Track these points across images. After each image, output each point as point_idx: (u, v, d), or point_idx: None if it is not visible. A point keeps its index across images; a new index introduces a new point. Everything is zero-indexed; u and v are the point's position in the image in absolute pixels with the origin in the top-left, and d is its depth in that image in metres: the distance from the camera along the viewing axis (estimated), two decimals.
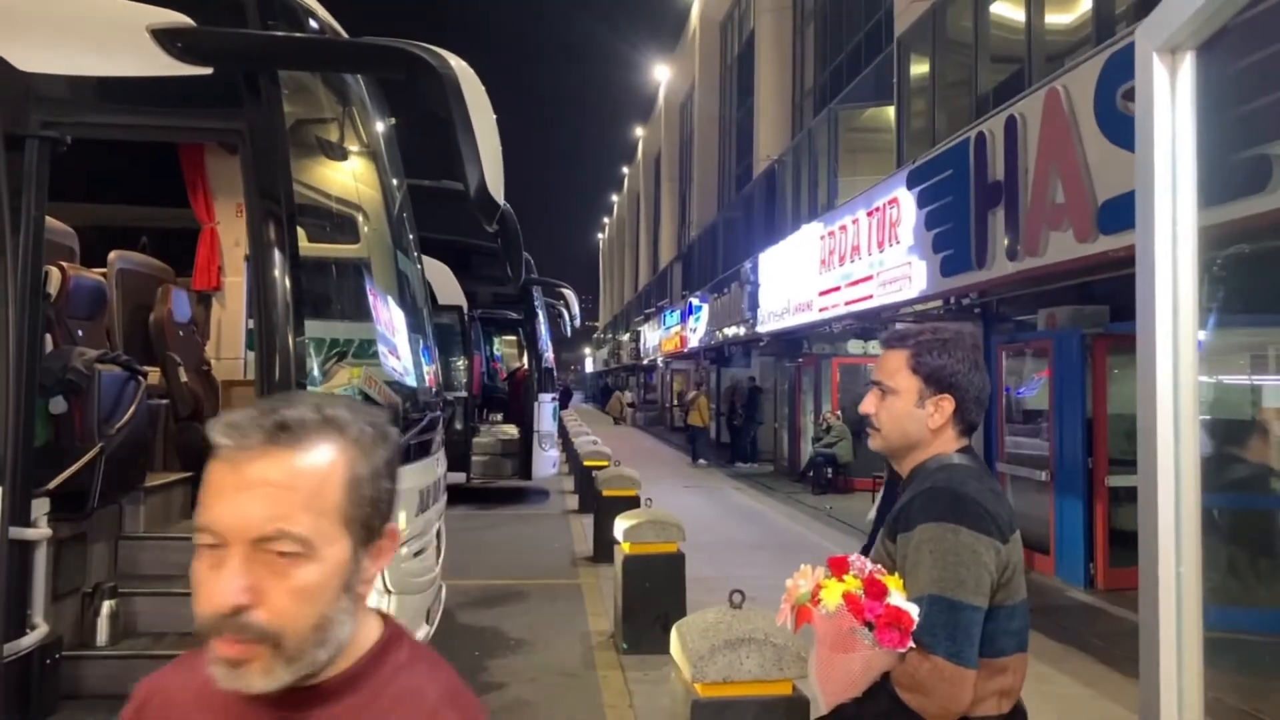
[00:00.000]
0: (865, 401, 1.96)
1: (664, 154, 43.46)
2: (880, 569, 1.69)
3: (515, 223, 5.53)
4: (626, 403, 40.75)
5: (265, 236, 3.67)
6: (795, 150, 20.25)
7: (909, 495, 1.83)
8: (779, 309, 16.81)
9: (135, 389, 4.26)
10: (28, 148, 3.47)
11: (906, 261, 10.60)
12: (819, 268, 14.25)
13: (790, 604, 1.68)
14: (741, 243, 23.66)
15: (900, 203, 10.80)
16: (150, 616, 4.23)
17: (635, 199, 56.69)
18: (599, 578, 8.38)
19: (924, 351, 1.89)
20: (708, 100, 32.87)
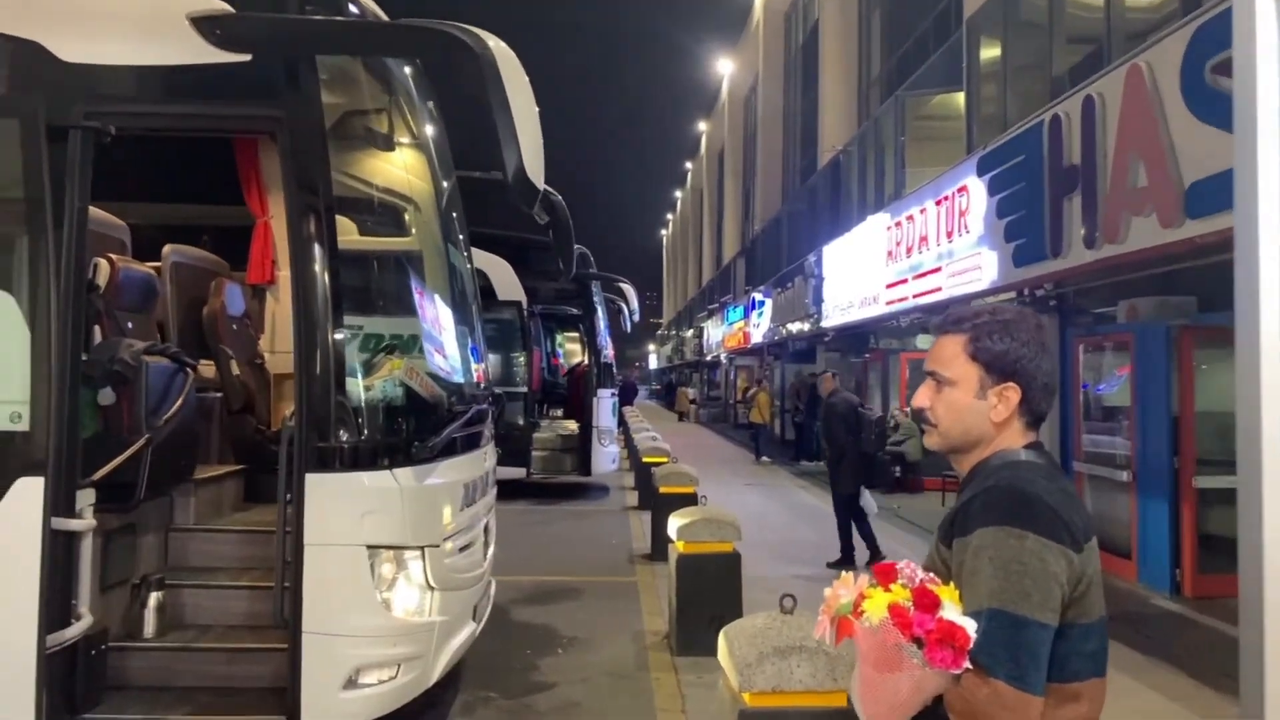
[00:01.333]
0: (919, 394, 1.76)
1: (727, 147, 43.13)
2: (933, 578, 1.49)
3: (565, 213, 5.42)
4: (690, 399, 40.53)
5: (303, 227, 3.64)
6: (861, 140, 19.81)
7: (968, 495, 1.63)
8: (844, 303, 16.47)
9: (183, 381, 4.27)
10: (71, 138, 3.49)
11: (976, 252, 10.22)
12: (885, 260, 13.89)
13: (830, 615, 1.50)
14: (806, 236, 23.27)
15: (970, 190, 10.41)
16: (197, 609, 4.25)
17: (699, 194, 56.41)
18: (656, 576, 8.24)
19: (983, 335, 1.68)
20: (772, 92, 32.47)
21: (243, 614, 4.20)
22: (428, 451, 3.88)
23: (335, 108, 4.00)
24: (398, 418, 3.92)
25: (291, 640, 3.60)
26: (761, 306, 26.15)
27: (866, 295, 14.93)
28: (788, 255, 25.84)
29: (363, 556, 3.65)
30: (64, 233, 3.51)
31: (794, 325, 21.43)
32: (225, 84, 3.59)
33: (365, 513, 3.67)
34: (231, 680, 3.95)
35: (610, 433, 13.34)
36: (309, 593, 3.60)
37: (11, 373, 3.46)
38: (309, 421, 3.63)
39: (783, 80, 31.69)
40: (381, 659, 3.71)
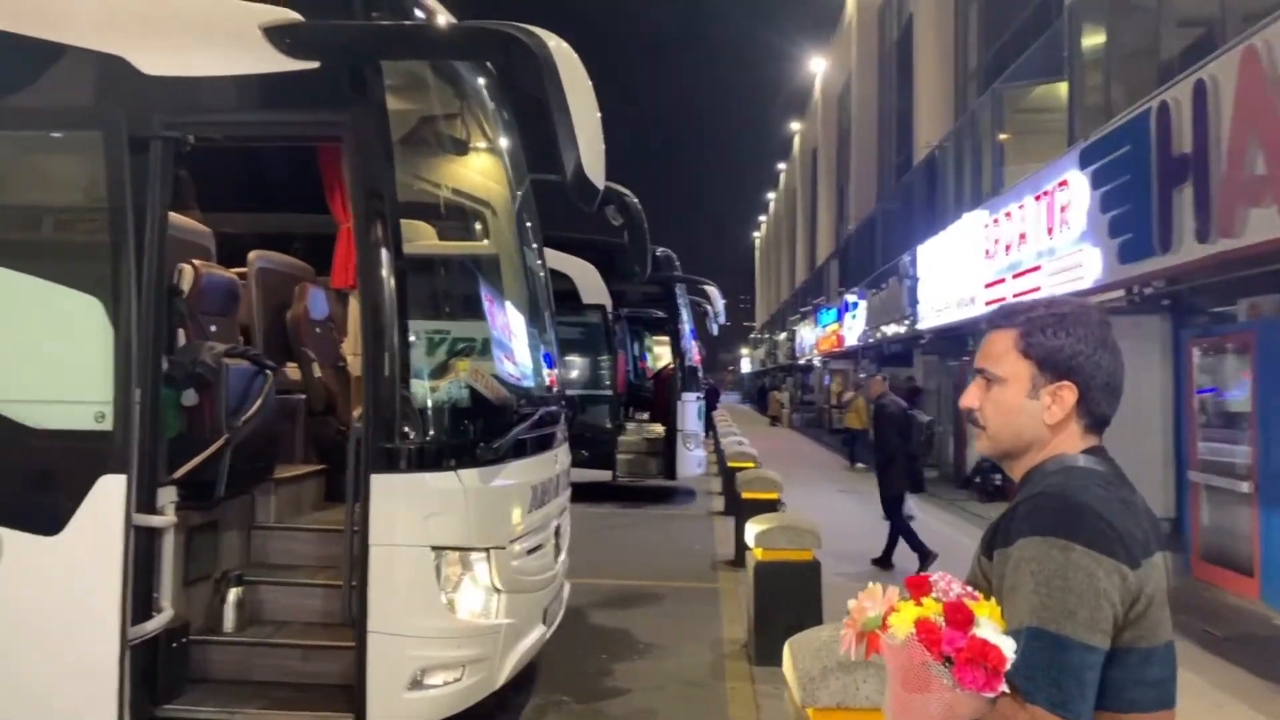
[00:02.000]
0: (967, 393, 1.63)
1: (821, 147, 42.53)
2: (971, 592, 1.37)
3: (640, 214, 5.37)
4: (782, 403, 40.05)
5: (370, 231, 3.69)
6: (957, 135, 19.18)
7: (1014, 502, 1.51)
8: (940, 304, 15.97)
9: (263, 383, 4.38)
10: (152, 148, 3.62)
11: (1079, 248, 9.73)
12: (983, 258, 13.40)
13: (855, 629, 1.39)
14: (900, 235, 22.68)
15: (1071, 184, 9.93)
16: (275, 605, 4.36)
17: (792, 195, 55.80)
18: (738, 583, 8.11)
19: (1036, 330, 1.54)
20: (866, 89, 31.85)
21: (317, 611, 4.29)
22: (493, 453, 3.88)
23: (404, 112, 4.05)
24: (463, 419, 3.94)
25: (358, 639, 3.65)
26: (855, 308, 25.67)
27: (963, 296, 14.43)
28: (882, 255, 25.27)
29: (428, 557, 3.67)
30: (146, 239, 3.64)
31: (889, 327, 20.91)
32: (294, 92, 3.67)
33: (430, 514, 3.69)
34: (305, 676, 4.03)
35: (696, 436, 13.24)
36: (375, 592, 3.64)
37: (96, 374, 3.61)
38: (375, 423, 3.67)
39: (877, 77, 31.06)
40: (446, 660, 3.73)
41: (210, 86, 3.74)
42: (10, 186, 4.02)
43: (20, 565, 3.61)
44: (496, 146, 4.78)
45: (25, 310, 3.77)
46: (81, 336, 3.70)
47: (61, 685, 3.59)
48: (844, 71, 36.12)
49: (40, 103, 3.81)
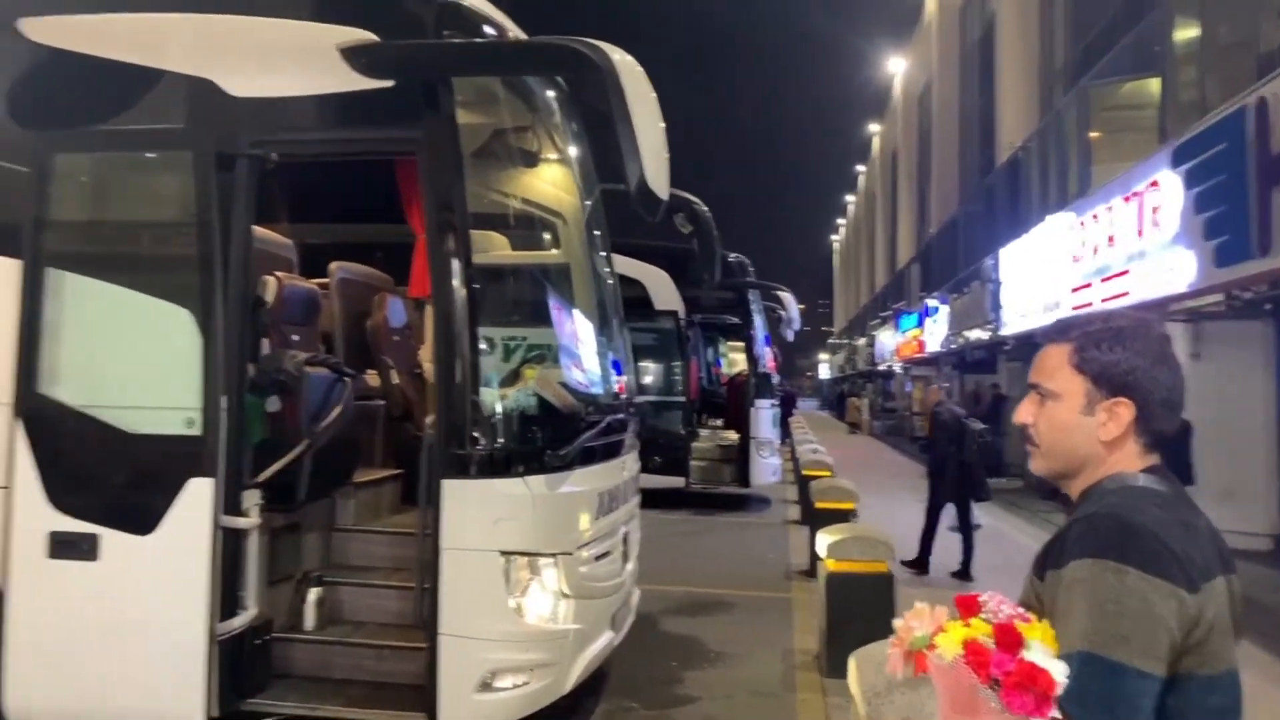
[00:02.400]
0: (1020, 408, 1.60)
1: (900, 149, 41.78)
2: (1023, 614, 1.34)
3: (709, 221, 5.39)
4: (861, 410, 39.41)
5: (442, 242, 3.79)
6: (1041, 135, 18.62)
7: (1067, 522, 1.47)
8: (1024, 309, 15.52)
9: (342, 390, 4.55)
10: (238, 166, 3.80)
11: (1171, 251, 9.35)
12: (1069, 262, 12.98)
13: (902, 648, 1.38)
14: (983, 238, 22.11)
15: (1163, 185, 9.55)
16: (354, 605, 4.50)
17: (871, 198, 54.94)
18: (811, 594, 8.01)
19: (1090, 344, 1.51)
20: (947, 89, 31.18)
21: (393, 612, 4.42)
22: (560, 460, 3.95)
23: (475, 126, 4.17)
24: (531, 427, 4.01)
25: (429, 641, 3.75)
26: (936, 313, 25.15)
27: (1049, 300, 14.00)
28: (964, 259, 24.68)
29: (496, 562, 3.75)
30: (232, 252, 3.83)
31: (971, 333, 20.40)
32: (371, 109, 3.81)
33: (498, 519, 3.77)
34: (380, 675, 4.16)
35: (770, 444, 13.13)
36: (446, 595, 3.74)
37: (186, 381, 3.81)
38: (446, 429, 3.77)
39: (958, 77, 30.36)
40: (514, 664, 3.80)
41: (292, 106, 3.91)
42: (108, 204, 4.27)
43: (117, 563, 3.82)
44: (566, 157, 4.86)
45: (121, 320, 4.00)
46: (173, 346, 3.91)
47: (154, 676, 3.79)
48: (924, 72, 35.44)
49: (136, 125, 4.05)
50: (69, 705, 3.90)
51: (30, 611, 3.88)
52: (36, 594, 3.88)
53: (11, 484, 3.91)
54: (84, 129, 4.15)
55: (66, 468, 3.93)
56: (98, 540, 3.82)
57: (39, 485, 3.88)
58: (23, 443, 3.90)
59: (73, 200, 4.20)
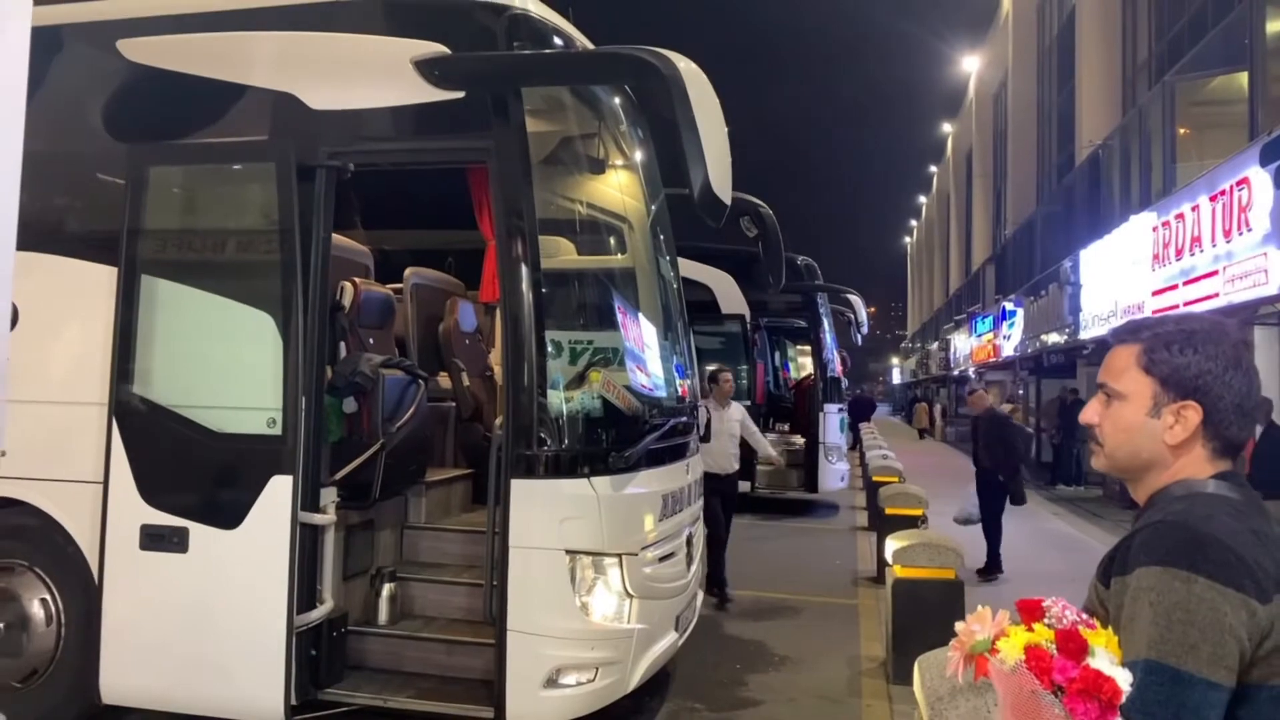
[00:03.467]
0: (1087, 408, 1.59)
1: (975, 149, 40.94)
2: (1087, 620, 1.32)
3: (774, 225, 5.41)
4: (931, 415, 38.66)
5: (511, 248, 3.90)
6: (1123, 132, 18.05)
7: (1134, 528, 1.46)
8: (1104, 312, 15.07)
9: (415, 391, 4.69)
10: (317, 176, 3.97)
11: (1262, 252, 9.00)
12: (1151, 264, 12.57)
13: (962, 651, 1.39)
14: (1061, 240, 21.53)
15: (1252, 183, 9.20)
16: (424, 600, 4.64)
17: (945, 199, 53.89)
18: (879, 600, 7.94)
19: (1160, 346, 1.49)
20: (1023, 87, 30.45)
21: (463, 608, 4.54)
22: (624, 462, 4.01)
23: (544, 134, 4.27)
24: (596, 429, 4.09)
25: (497, 637, 3.86)
26: (1012, 316, 24.54)
27: (1130, 303, 13.57)
28: (1041, 261, 24.05)
29: (562, 561, 3.83)
30: (311, 259, 4.00)
31: (1049, 337, 19.88)
32: (443, 119, 3.94)
33: (564, 518, 3.85)
34: (450, 669, 4.28)
35: (838, 449, 13.00)
36: (513, 592, 3.84)
37: (268, 383, 3.99)
38: (514, 430, 3.87)
39: (1035, 74, 29.64)
40: (580, 661, 3.88)
41: (368, 118, 4.07)
42: (196, 214, 4.50)
43: (205, 556, 4.02)
44: (631, 163, 4.94)
45: (207, 324, 4.21)
46: (255, 348, 4.10)
47: (238, 664, 3.98)
48: (1000, 69, 34.67)
49: (223, 139, 4.26)
50: (159, 690, 4.11)
51: (123, 601, 4.11)
52: (129, 584, 4.11)
53: (107, 479, 4.14)
54: (175, 143, 4.38)
55: (157, 464, 4.15)
56: (187, 534, 4.03)
57: (132, 481, 4.10)
58: (117, 440, 4.14)
59: (164, 210, 4.43)
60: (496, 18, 4.01)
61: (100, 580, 4.13)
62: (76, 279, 4.36)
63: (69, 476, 4.25)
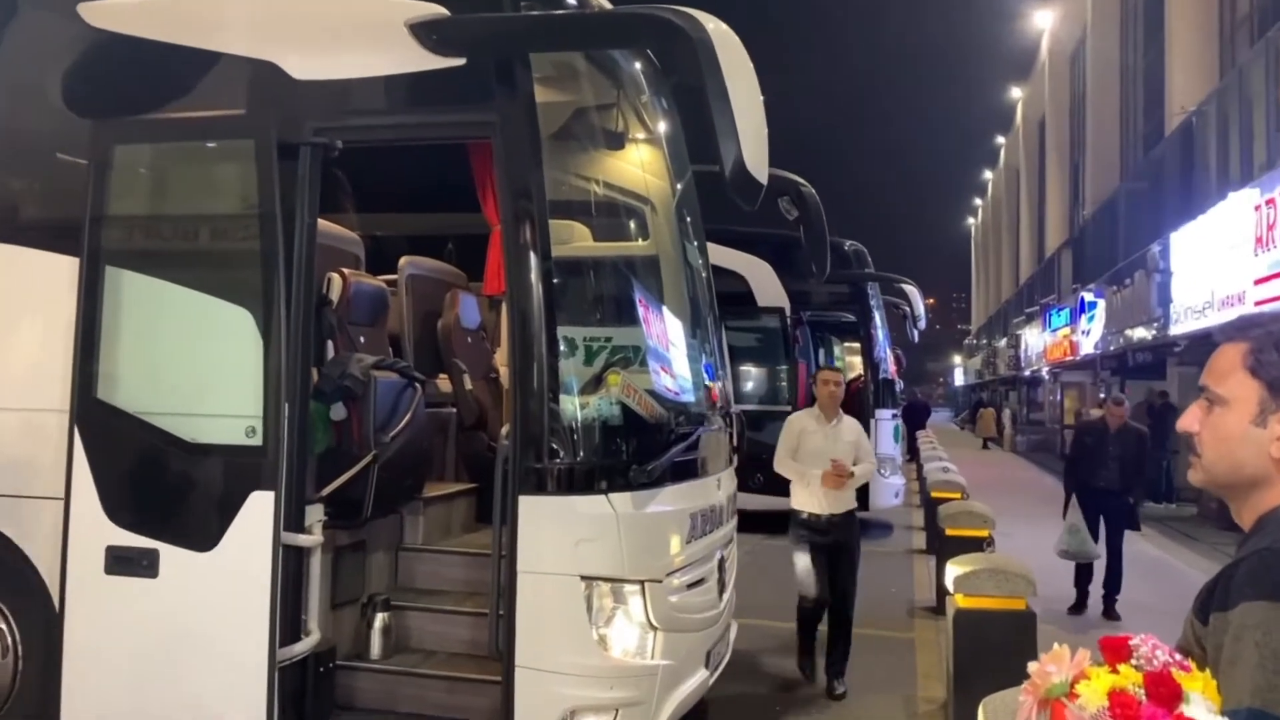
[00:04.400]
0: (1186, 415, 1.58)
1: (1049, 117, 40.61)
2: (1181, 661, 1.31)
3: (817, 206, 5.41)
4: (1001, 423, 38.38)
5: (519, 234, 3.92)
6: (1220, 97, 17.83)
7: (1237, 556, 1.44)
8: (1199, 304, 14.92)
9: (411, 396, 4.73)
10: (301, 155, 4.01)
11: None
12: (1254, 248, 12.43)
13: (1036, 696, 1.35)
14: (1148, 221, 21.30)
15: None
16: (422, 632, 4.67)
17: (1014, 174, 53.48)
18: (938, 633, 7.90)
19: (1270, 346, 1.48)
20: (1104, 46, 30.18)
21: (465, 641, 4.56)
22: (648, 476, 4.02)
23: (555, 106, 4.28)
24: (615, 438, 4.10)
25: (505, 674, 3.88)
26: (1092, 309, 24.37)
27: (1229, 293, 13.42)
28: (1125, 246, 23.82)
29: (577, 588, 3.85)
30: (295, 248, 4.04)
31: (1134, 332, 19.69)
32: (442, 90, 3.97)
33: (580, 540, 3.87)
34: (450, 710, 4.30)
35: (892, 461, 12.96)
36: (523, 624, 3.86)
37: (247, 387, 4.03)
38: (523, 440, 3.89)
39: (1118, 30, 29.36)
40: (597, 702, 3.89)
41: (358, 88, 4.11)
42: (167, 198, 4.55)
43: (177, 581, 4.07)
44: (655, 138, 4.95)
45: (180, 322, 4.26)
46: (233, 349, 4.15)
47: (213, 702, 4.02)
48: (1077, 26, 34.37)
49: (195, 112, 4.30)
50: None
51: (87, 630, 4.16)
52: (94, 612, 4.16)
53: (69, 495, 4.20)
54: (143, 118, 4.43)
55: (124, 479, 4.20)
56: (157, 556, 4.08)
57: (96, 497, 4.16)
58: (80, 452, 4.19)
59: (131, 194, 4.49)
60: None
61: (61, 607, 4.19)
62: (33, 271, 4.43)
63: (25, 492, 4.32)
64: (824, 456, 6.06)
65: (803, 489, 6.19)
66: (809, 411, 6.49)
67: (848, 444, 6.29)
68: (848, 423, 6.44)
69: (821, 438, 6.20)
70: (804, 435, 6.23)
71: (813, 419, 6.34)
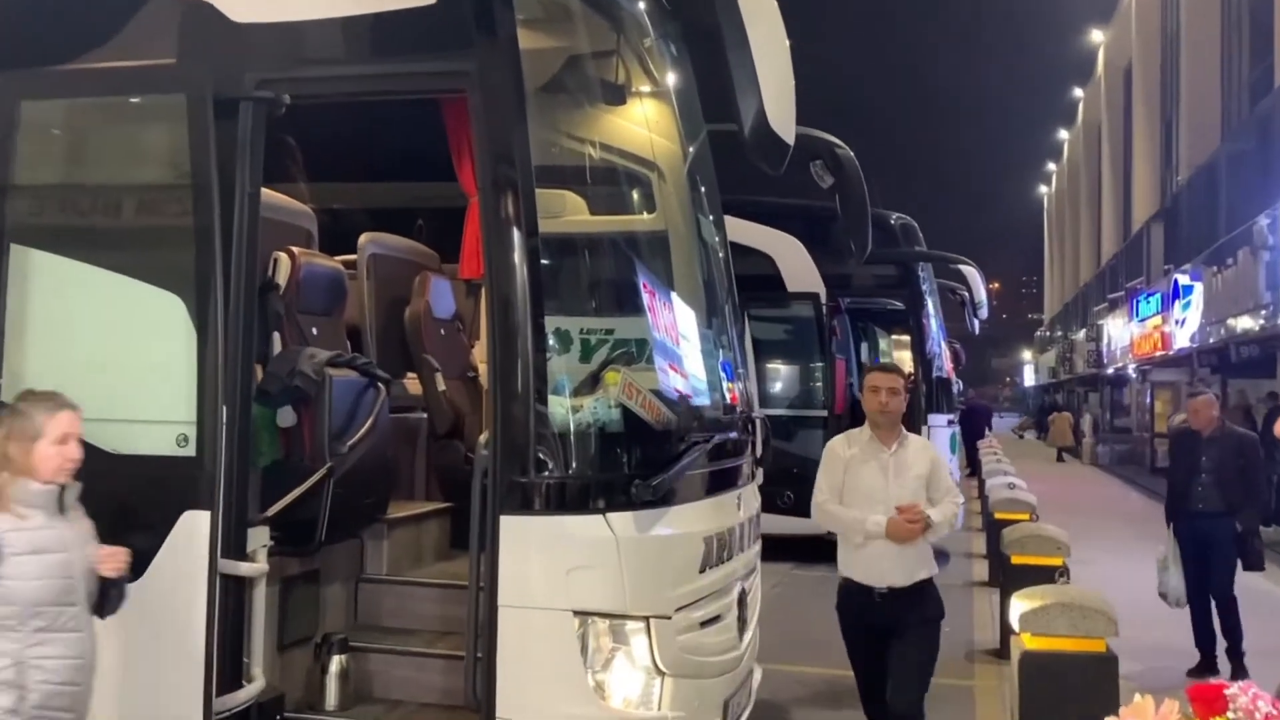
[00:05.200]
0: None
1: (1136, 65, 40.60)
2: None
3: (855, 169, 5.42)
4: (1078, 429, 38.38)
5: (499, 206, 3.94)
6: None
7: None
8: None
9: (374, 398, 4.76)
10: (242, 112, 4.03)
11: None
12: None
13: None
14: (1256, 188, 21.26)
15: None
16: (387, 678, 4.70)
17: (1094, 134, 53.42)
18: (1002, 680, 7.93)
19: None
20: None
21: (438, 689, 4.58)
22: (653, 493, 4.03)
23: (543, 53, 4.30)
24: (615, 448, 4.12)
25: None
26: (1188, 294, 24.37)
27: None
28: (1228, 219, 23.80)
29: (569, 625, 3.86)
30: (235, 223, 4.06)
31: (1238, 321, 19.68)
32: (409, 34, 3.98)
33: (572, 568, 3.88)
34: None
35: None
36: (505, 668, 3.87)
37: (177, 388, 4.06)
38: (504, 450, 3.91)
39: None
40: None
41: (309, 33, 4.12)
42: (80, 163, 4.57)
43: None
44: (662, 91, 4.96)
45: (97, 311, 4.28)
46: (160, 342, 4.16)
47: None
48: None
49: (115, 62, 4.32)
50: None
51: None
52: None
53: None
54: (54, 69, 4.45)
55: None
56: None
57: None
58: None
59: (40, 159, 4.51)
60: None
61: None
62: None
63: None
64: (881, 497, 5.17)
65: (850, 548, 5.34)
66: (855, 433, 5.50)
67: (916, 478, 5.28)
68: (914, 445, 5.46)
69: (877, 469, 5.24)
70: (851, 468, 5.26)
71: (861, 443, 5.35)
